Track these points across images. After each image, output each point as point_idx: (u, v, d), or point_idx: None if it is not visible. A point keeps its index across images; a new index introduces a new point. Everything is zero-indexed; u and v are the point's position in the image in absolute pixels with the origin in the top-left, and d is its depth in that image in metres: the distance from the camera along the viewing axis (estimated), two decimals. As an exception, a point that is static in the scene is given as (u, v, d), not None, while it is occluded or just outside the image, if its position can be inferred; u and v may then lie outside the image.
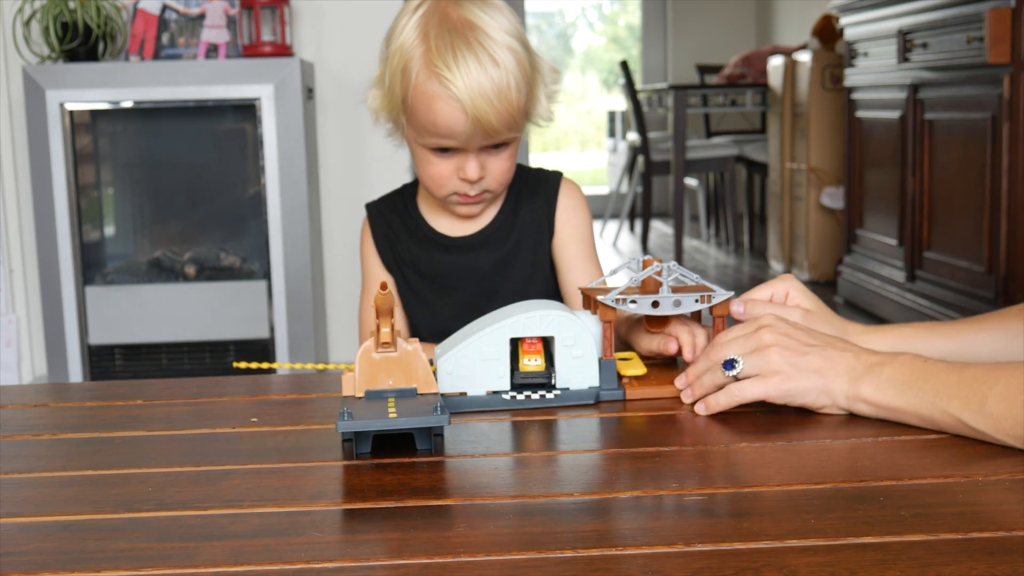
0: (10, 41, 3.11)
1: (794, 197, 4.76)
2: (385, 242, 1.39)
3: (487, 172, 1.27)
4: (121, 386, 1.14)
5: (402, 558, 0.66)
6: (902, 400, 0.89)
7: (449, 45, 1.19)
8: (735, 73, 5.69)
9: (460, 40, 1.19)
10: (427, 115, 1.22)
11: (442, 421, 0.85)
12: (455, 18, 1.21)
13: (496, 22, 1.21)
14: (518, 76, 1.20)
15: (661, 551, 0.66)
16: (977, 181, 2.99)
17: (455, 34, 1.19)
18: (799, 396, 0.93)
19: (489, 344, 0.99)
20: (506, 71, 1.19)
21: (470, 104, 1.18)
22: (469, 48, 1.19)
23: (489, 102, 1.18)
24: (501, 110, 1.19)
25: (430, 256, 1.36)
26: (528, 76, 1.23)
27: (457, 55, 1.18)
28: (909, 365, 0.89)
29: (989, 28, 2.79)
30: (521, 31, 1.24)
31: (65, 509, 0.76)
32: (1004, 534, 0.67)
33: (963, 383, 0.85)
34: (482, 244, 1.35)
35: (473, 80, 1.18)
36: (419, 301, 1.37)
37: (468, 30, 1.20)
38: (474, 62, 1.18)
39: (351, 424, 0.83)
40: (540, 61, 1.28)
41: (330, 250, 3.32)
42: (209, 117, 3.14)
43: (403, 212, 1.39)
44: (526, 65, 1.22)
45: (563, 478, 0.81)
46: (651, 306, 1.00)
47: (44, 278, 2.99)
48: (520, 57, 1.21)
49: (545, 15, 10.06)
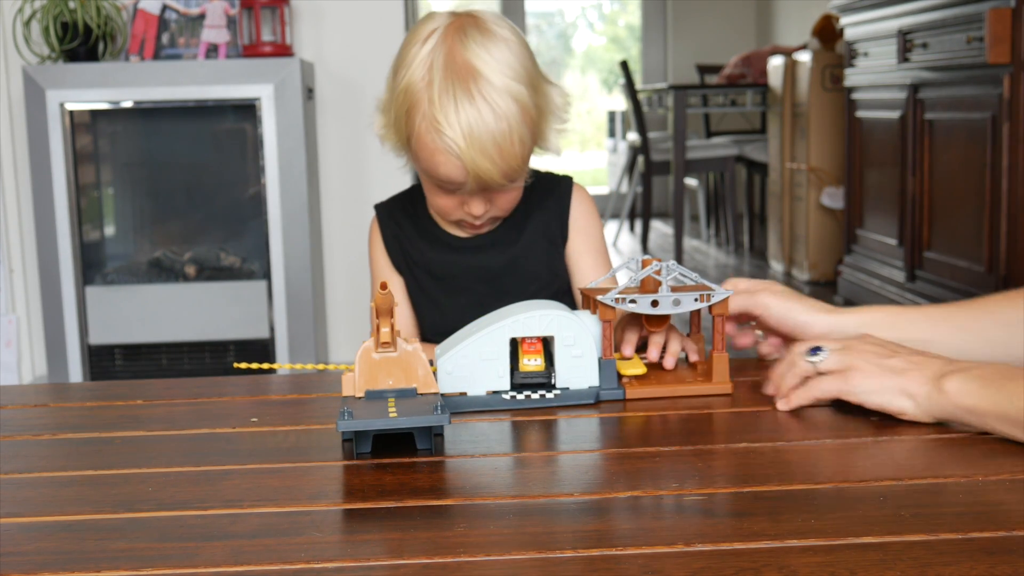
0: (10, 41, 3.11)
1: (794, 197, 4.76)
2: (395, 243, 1.39)
3: (493, 204, 1.27)
4: (121, 386, 1.14)
5: (402, 558, 0.66)
6: (982, 398, 0.84)
7: (452, 95, 1.17)
8: (735, 73, 5.69)
9: (462, 90, 1.17)
10: (428, 164, 1.22)
11: (442, 420, 0.85)
12: (459, 61, 1.18)
13: (500, 63, 1.19)
14: (521, 127, 1.19)
15: (661, 551, 0.66)
16: (977, 181, 2.99)
17: (457, 82, 1.17)
18: (876, 394, 0.90)
19: (489, 344, 0.99)
20: (508, 124, 1.17)
21: (471, 163, 1.17)
22: (471, 100, 1.16)
23: (490, 159, 1.17)
24: (502, 165, 1.19)
25: (440, 256, 1.36)
26: (533, 121, 1.21)
27: (459, 108, 1.16)
28: (1000, 368, 0.86)
29: (989, 28, 2.79)
30: (528, 66, 1.21)
31: (65, 509, 0.76)
32: (1004, 534, 0.67)
33: None
34: (492, 245, 1.35)
35: (474, 138, 1.16)
36: (429, 301, 1.38)
37: (471, 76, 1.17)
38: (475, 116, 1.16)
39: (352, 424, 0.83)
40: (550, 92, 1.25)
41: (330, 250, 3.32)
42: (209, 117, 3.14)
43: (413, 213, 1.39)
44: (531, 110, 1.20)
45: (563, 478, 0.81)
46: (650, 305, 1.00)
47: (44, 278, 2.99)
48: (524, 103, 1.19)
49: (545, 15, 10.05)
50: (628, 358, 1.06)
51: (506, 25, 1.24)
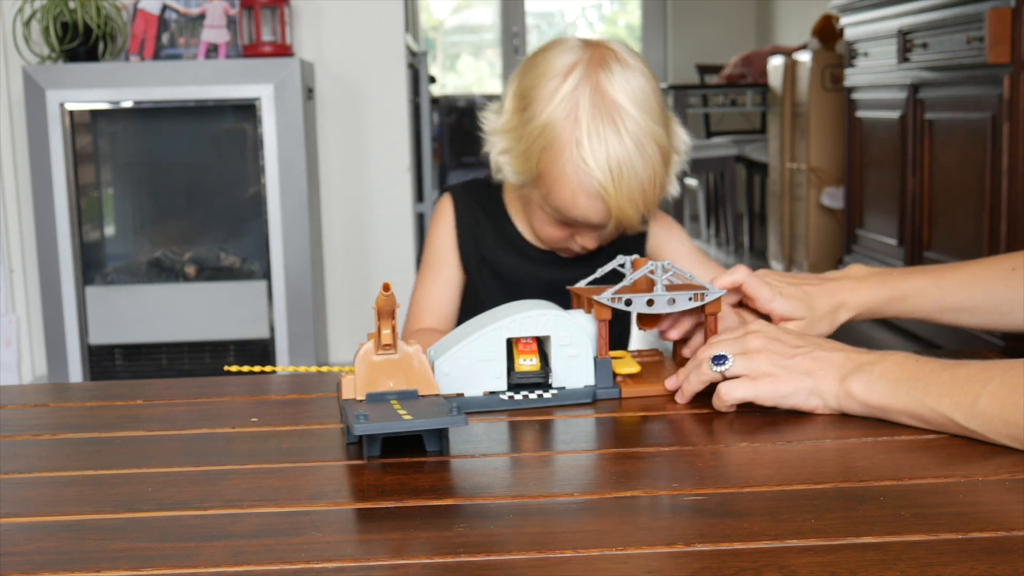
0: (10, 41, 3.11)
1: (794, 197, 4.76)
2: (469, 238, 1.35)
3: (602, 238, 1.27)
4: (121, 386, 1.14)
5: (402, 558, 0.66)
6: (892, 398, 0.88)
7: (602, 138, 1.15)
8: (735, 73, 5.69)
9: (612, 131, 1.15)
10: (564, 201, 1.19)
11: (459, 422, 0.84)
12: (608, 102, 1.16)
13: (644, 104, 1.17)
14: (662, 170, 1.18)
15: (661, 551, 0.66)
16: (977, 181, 2.99)
17: (607, 123, 1.16)
18: (789, 397, 0.93)
19: (485, 345, 0.99)
20: (653, 168, 1.17)
21: (616, 207, 1.17)
22: (620, 141, 1.15)
23: (635, 203, 1.17)
24: (643, 208, 1.19)
25: (512, 261, 1.34)
26: (668, 159, 1.20)
27: (608, 150, 1.15)
28: (901, 363, 0.89)
29: (989, 28, 2.79)
30: (662, 104, 1.20)
31: (65, 509, 0.76)
32: (1004, 534, 0.67)
33: (955, 382, 0.85)
34: (567, 261, 1.33)
35: (624, 182, 1.15)
36: (486, 300, 1.34)
37: (619, 117, 1.16)
38: (625, 158, 1.15)
39: (369, 427, 0.82)
40: (678, 132, 1.24)
41: (330, 250, 3.32)
42: (209, 117, 3.14)
43: (492, 211, 1.36)
44: (668, 152, 1.20)
45: (562, 478, 0.81)
46: (646, 304, 1.00)
47: (44, 278, 2.99)
48: (663, 145, 1.18)
49: (545, 15, 10.06)
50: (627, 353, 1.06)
51: (640, 60, 1.22)
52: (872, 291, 1.09)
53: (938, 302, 1.09)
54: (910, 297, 1.09)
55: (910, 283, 1.10)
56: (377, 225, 3.34)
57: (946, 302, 1.09)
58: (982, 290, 1.09)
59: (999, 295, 1.08)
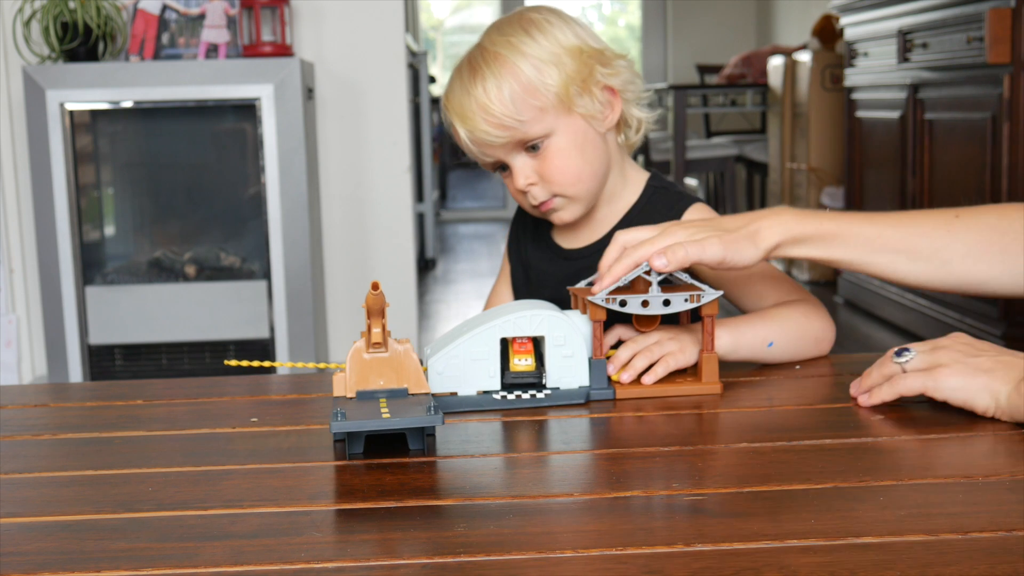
0: (10, 41, 3.11)
1: (794, 197, 4.76)
2: (515, 236, 1.42)
3: (539, 176, 1.25)
4: (121, 386, 1.14)
5: (402, 558, 0.66)
6: None
7: (452, 75, 1.27)
8: (735, 73, 5.68)
9: (458, 66, 1.26)
10: (456, 141, 1.28)
11: (435, 421, 0.85)
12: (474, 47, 1.27)
13: (499, 35, 1.24)
14: (500, 77, 1.21)
15: (661, 551, 0.66)
16: (977, 181, 2.99)
17: (460, 63, 1.27)
18: (961, 390, 0.91)
19: (479, 344, 0.99)
20: (483, 77, 1.21)
21: (458, 121, 1.23)
22: (459, 71, 1.25)
23: (471, 111, 1.22)
24: (485, 115, 1.21)
25: (541, 262, 1.37)
26: (522, 72, 1.21)
27: (452, 79, 1.26)
28: None
29: (989, 28, 2.79)
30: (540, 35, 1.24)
31: (65, 509, 0.76)
32: (1004, 534, 0.67)
33: None
34: (591, 255, 1.31)
35: (455, 98, 1.24)
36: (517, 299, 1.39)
37: (471, 52, 1.26)
38: (457, 81, 1.24)
39: (345, 424, 0.83)
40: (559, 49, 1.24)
41: (330, 250, 3.32)
42: (209, 117, 3.14)
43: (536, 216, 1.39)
44: (520, 63, 1.22)
45: (561, 478, 0.81)
46: (640, 305, 1.00)
47: (44, 278, 2.98)
48: (511, 60, 1.22)
49: (545, 15, 10.04)
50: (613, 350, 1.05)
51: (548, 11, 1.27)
52: (799, 219, 1.03)
53: (872, 239, 1.02)
54: (841, 234, 1.02)
55: (842, 217, 1.04)
56: (377, 225, 3.34)
57: (881, 239, 1.02)
58: (921, 232, 1.02)
59: (940, 240, 1.01)
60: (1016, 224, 1.00)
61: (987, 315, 2.98)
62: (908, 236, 1.02)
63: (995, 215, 1.02)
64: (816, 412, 0.95)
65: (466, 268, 5.64)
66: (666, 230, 1.02)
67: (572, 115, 1.23)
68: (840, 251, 1.02)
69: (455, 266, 5.76)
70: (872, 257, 1.02)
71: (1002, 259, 1.00)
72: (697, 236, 1.00)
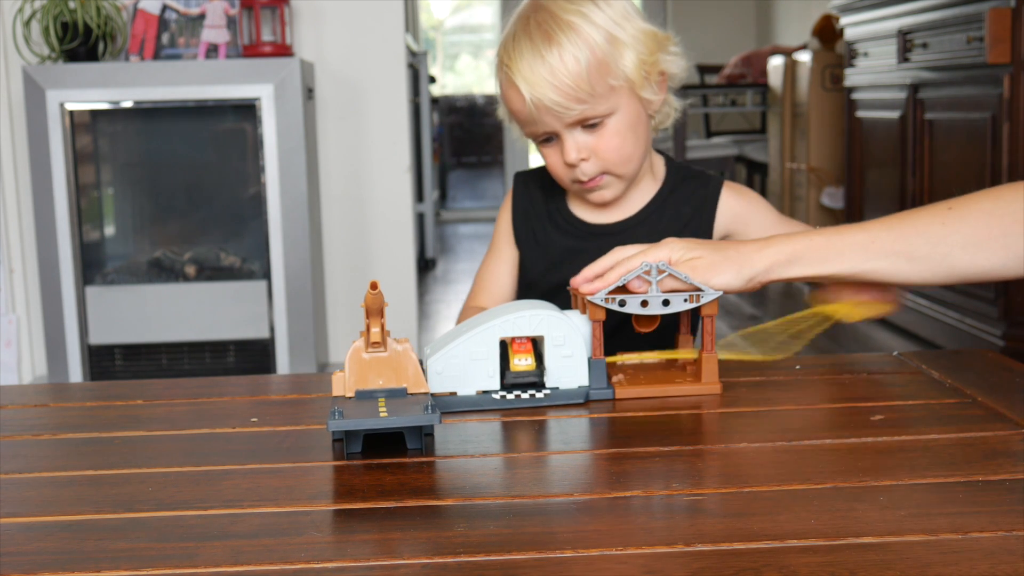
0: (10, 41, 3.11)
1: (794, 197, 4.76)
2: (523, 218, 1.38)
3: (592, 153, 1.24)
4: (121, 386, 1.14)
5: (402, 558, 0.66)
6: None
7: (513, 34, 1.23)
8: (735, 73, 5.68)
9: (522, 26, 1.22)
10: (509, 107, 1.26)
11: (433, 420, 0.85)
12: (533, 6, 1.24)
13: (569, 2, 1.22)
14: (577, 49, 1.19)
15: (661, 551, 0.66)
16: (977, 181, 2.99)
17: (520, 23, 1.23)
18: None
19: (479, 344, 0.99)
20: (559, 46, 1.19)
21: (524, 85, 1.20)
22: (527, 32, 1.21)
23: (543, 79, 1.19)
24: (558, 83, 1.19)
25: (563, 240, 1.34)
26: (599, 47, 1.20)
27: (516, 40, 1.21)
28: None
29: (989, 28, 2.79)
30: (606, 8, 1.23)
31: (65, 509, 0.76)
32: (1004, 534, 0.67)
33: None
34: (622, 232, 1.32)
35: (525, 62, 1.20)
36: (529, 280, 1.36)
37: (534, 13, 1.22)
38: (527, 44, 1.20)
39: (342, 423, 0.83)
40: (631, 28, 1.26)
41: (330, 250, 3.32)
42: (209, 117, 3.14)
43: (548, 191, 1.37)
44: (595, 37, 1.21)
45: (561, 478, 0.81)
46: (640, 305, 1.00)
47: (44, 278, 2.99)
48: (586, 31, 1.20)
49: (545, 15, 10.05)
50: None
51: None
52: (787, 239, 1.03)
53: (866, 245, 1.01)
54: (834, 246, 1.01)
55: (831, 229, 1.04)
56: (377, 225, 3.34)
57: (876, 244, 1.01)
58: (916, 231, 1.01)
59: (936, 236, 1.00)
60: (1014, 205, 0.98)
61: (987, 315, 2.98)
62: (903, 236, 1.01)
63: (989, 201, 1.00)
64: (816, 412, 0.95)
65: (466, 268, 5.64)
66: (664, 245, 1.03)
67: (633, 96, 1.24)
68: (837, 264, 1.02)
69: (455, 266, 5.76)
70: (871, 264, 1.01)
71: (1004, 243, 0.99)
72: (689, 255, 1.02)
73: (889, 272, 1.02)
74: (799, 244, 1.02)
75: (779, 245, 1.02)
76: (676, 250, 1.01)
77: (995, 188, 1.01)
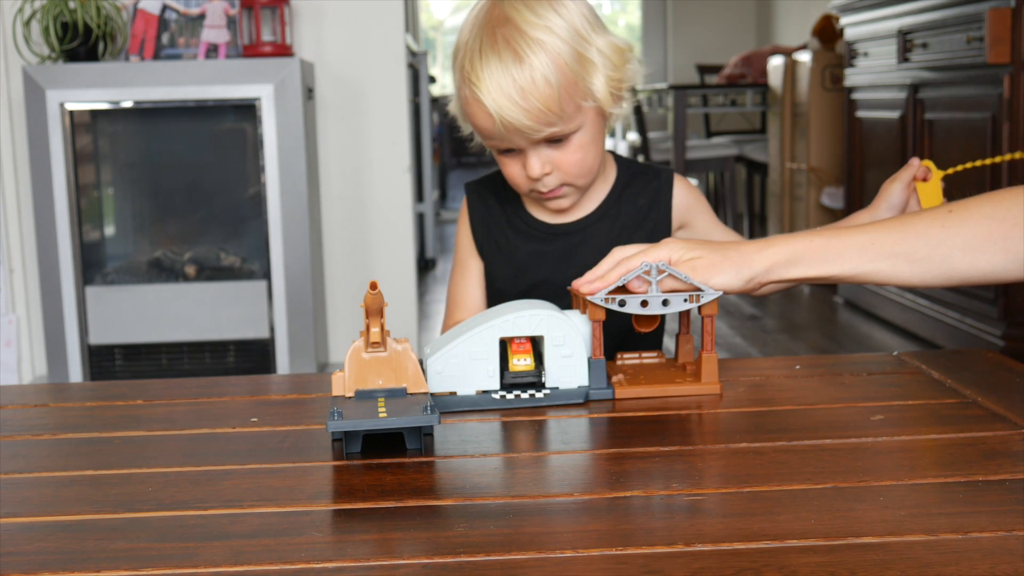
0: (10, 41, 3.11)
1: (794, 197, 4.76)
2: (482, 227, 1.37)
3: (555, 166, 1.24)
4: (121, 386, 1.14)
5: (402, 558, 0.66)
6: None
7: (479, 47, 1.19)
8: (735, 73, 5.68)
9: (488, 39, 1.18)
10: (471, 119, 1.23)
11: (432, 420, 0.85)
12: (495, 15, 1.20)
13: (535, 16, 1.19)
14: (548, 70, 1.17)
15: (661, 551, 0.66)
16: (977, 181, 2.99)
17: (486, 33, 1.19)
18: None
19: (478, 344, 0.99)
20: (531, 67, 1.17)
21: (493, 106, 1.17)
22: (494, 48, 1.18)
23: (513, 101, 1.17)
24: (528, 107, 1.17)
25: (525, 245, 1.34)
26: (568, 68, 1.19)
27: (483, 56, 1.18)
28: None
29: (989, 28, 2.79)
30: (573, 23, 1.21)
31: (65, 509, 0.76)
32: (1004, 534, 0.67)
33: None
34: (579, 231, 1.33)
35: (494, 82, 1.17)
36: (496, 288, 1.36)
37: (500, 26, 1.18)
38: (496, 62, 1.17)
39: (341, 424, 0.83)
40: (598, 44, 1.24)
41: (330, 250, 3.32)
42: (209, 117, 3.14)
43: (505, 199, 1.36)
44: (565, 57, 1.19)
45: (561, 478, 0.81)
46: (640, 305, 1.00)
47: (44, 278, 2.98)
48: (556, 50, 1.18)
49: (545, 15, 10.05)
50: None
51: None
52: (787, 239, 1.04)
53: (866, 247, 1.01)
54: (834, 247, 1.02)
55: (831, 230, 1.05)
56: (377, 225, 3.34)
57: (876, 246, 1.01)
58: (916, 232, 1.01)
59: (936, 238, 1.00)
60: (1013, 209, 0.99)
61: (987, 315, 2.98)
62: (903, 238, 1.01)
63: (989, 205, 1.01)
64: (816, 412, 0.95)
65: (466, 268, 5.62)
66: (664, 245, 1.04)
67: (598, 111, 1.24)
68: (837, 265, 1.02)
69: (455, 266, 5.75)
70: (871, 265, 1.01)
71: (1004, 246, 0.99)
72: (689, 255, 1.02)
73: (889, 274, 1.02)
74: (799, 245, 1.02)
75: (779, 246, 1.02)
76: (676, 250, 1.01)
77: (995, 192, 1.02)
